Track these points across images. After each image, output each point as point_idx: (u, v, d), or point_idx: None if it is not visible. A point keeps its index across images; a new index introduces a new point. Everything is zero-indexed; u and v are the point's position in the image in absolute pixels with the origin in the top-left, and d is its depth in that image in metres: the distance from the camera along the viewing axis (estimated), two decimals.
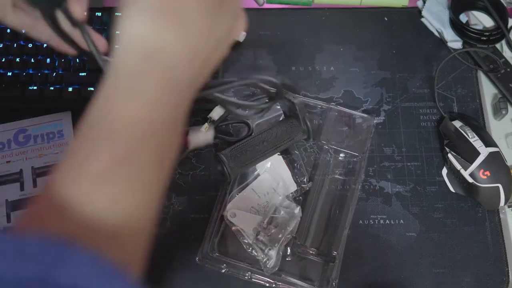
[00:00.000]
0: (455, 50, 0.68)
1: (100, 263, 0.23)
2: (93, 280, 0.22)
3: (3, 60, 0.62)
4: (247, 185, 0.60)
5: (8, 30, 0.63)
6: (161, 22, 0.29)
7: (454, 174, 0.61)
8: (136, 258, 0.28)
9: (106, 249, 0.24)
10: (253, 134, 0.61)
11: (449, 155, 0.60)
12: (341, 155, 0.62)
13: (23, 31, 0.43)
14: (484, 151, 0.58)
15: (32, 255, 0.22)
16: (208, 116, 0.61)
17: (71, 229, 0.25)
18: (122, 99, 0.29)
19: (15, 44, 0.63)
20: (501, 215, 0.61)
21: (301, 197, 0.60)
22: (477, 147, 0.58)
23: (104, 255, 0.23)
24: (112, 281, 0.23)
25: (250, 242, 0.56)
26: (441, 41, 0.69)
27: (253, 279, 0.55)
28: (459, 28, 0.67)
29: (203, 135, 0.59)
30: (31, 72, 0.62)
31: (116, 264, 0.23)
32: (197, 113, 0.63)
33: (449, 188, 0.61)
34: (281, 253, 0.56)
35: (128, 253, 0.27)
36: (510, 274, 0.58)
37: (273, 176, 0.60)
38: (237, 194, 0.59)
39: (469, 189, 0.59)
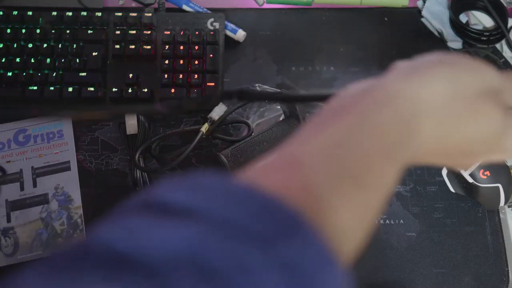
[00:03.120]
0: (455, 50, 0.68)
1: (322, 247, 0.22)
2: (312, 261, 0.21)
3: (3, 60, 0.62)
4: None
5: (8, 30, 0.63)
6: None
7: (454, 174, 0.61)
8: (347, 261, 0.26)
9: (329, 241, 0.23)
10: (253, 134, 0.61)
11: None
12: None
13: None
14: None
15: (265, 215, 0.21)
16: (208, 116, 0.61)
17: (307, 208, 0.23)
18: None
19: (15, 44, 0.63)
20: (501, 215, 0.61)
21: None
22: None
23: (328, 241, 0.22)
24: (329, 267, 0.22)
25: None
26: (441, 41, 0.69)
27: None
28: (459, 28, 0.67)
29: None
30: (31, 72, 0.62)
31: (335, 252, 0.22)
32: (197, 113, 0.63)
33: (449, 188, 0.61)
34: None
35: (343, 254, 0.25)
36: (510, 274, 0.58)
37: None
38: None
39: (469, 189, 0.59)
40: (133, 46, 0.63)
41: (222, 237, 0.20)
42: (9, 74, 0.62)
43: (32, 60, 0.62)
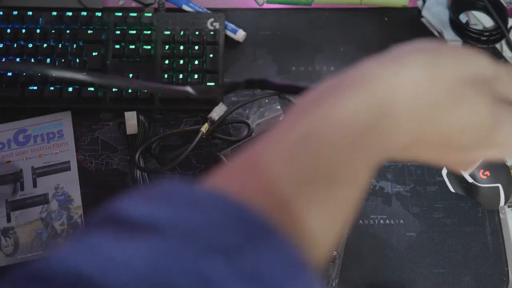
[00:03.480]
0: None
1: (290, 253, 0.21)
2: (280, 270, 0.20)
3: (3, 60, 0.62)
4: None
5: (8, 30, 0.63)
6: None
7: (454, 174, 0.61)
8: (319, 262, 0.25)
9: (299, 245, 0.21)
10: (253, 134, 0.61)
11: None
12: None
13: None
14: None
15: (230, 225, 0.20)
16: (208, 116, 0.61)
17: (272, 209, 0.22)
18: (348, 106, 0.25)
19: (15, 44, 0.63)
20: (501, 215, 0.61)
21: None
22: None
23: (297, 246, 0.21)
24: (299, 275, 0.20)
25: None
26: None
27: None
28: (459, 28, 0.67)
29: None
30: (31, 72, 0.62)
31: (305, 259, 0.21)
32: (197, 113, 0.63)
33: (449, 188, 0.61)
34: None
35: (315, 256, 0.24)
36: (510, 274, 0.58)
37: None
38: None
39: (469, 189, 0.59)
40: (133, 46, 0.63)
41: (185, 251, 0.19)
42: (9, 74, 0.62)
43: (32, 60, 0.62)
